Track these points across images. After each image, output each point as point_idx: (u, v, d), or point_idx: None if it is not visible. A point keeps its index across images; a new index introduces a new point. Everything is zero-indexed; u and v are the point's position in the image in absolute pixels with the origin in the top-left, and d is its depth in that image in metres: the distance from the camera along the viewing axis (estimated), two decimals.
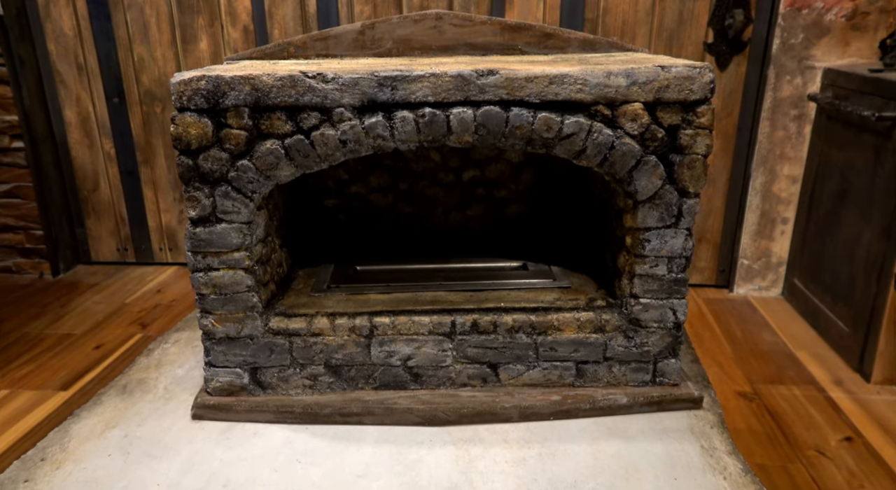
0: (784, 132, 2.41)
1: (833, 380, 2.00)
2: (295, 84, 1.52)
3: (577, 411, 1.76)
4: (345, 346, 1.74)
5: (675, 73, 1.55)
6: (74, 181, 2.85)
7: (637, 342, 1.77)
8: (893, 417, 1.82)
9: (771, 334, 2.29)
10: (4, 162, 2.72)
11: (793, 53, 2.33)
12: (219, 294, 1.69)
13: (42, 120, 2.73)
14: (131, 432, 1.74)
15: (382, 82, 1.52)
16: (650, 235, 1.67)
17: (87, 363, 2.13)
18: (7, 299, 2.62)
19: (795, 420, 1.81)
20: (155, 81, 2.68)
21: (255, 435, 1.72)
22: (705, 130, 1.59)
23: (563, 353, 1.78)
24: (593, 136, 1.57)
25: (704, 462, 1.60)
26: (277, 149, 1.57)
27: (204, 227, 1.63)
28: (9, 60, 2.59)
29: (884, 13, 2.25)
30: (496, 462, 1.61)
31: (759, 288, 2.61)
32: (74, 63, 2.68)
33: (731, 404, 1.88)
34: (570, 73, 1.53)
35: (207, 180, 1.60)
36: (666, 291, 1.72)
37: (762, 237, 2.54)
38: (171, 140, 1.59)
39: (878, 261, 1.96)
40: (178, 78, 1.54)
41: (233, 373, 1.77)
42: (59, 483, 1.56)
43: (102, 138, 2.77)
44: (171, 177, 2.81)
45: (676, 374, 1.80)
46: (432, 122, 1.55)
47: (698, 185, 1.62)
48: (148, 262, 2.95)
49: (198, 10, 2.57)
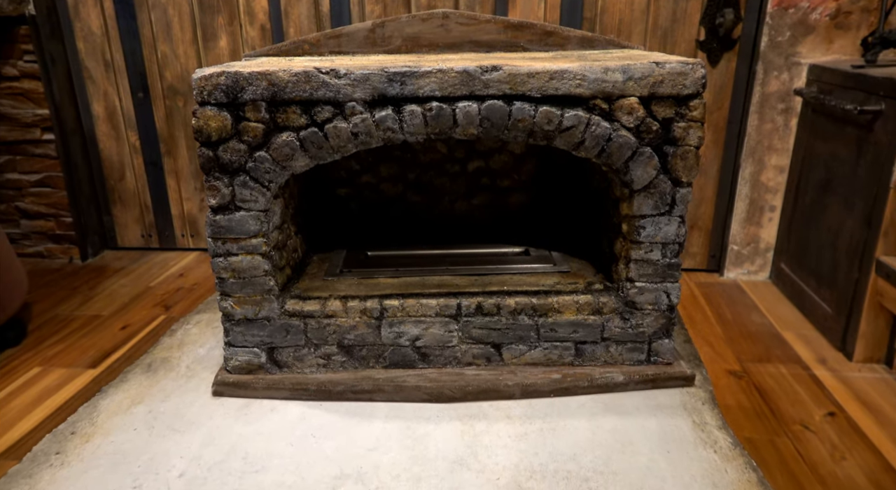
0: (772, 125, 2.40)
1: (817, 358, 2.00)
2: (309, 79, 1.52)
3: (576, 389, 1.76)
4: (356, 327, 1.74)
5: (669, 68, 1.54)
6: (102, 171, 2.85)
7: (633, 323, 1.76)
8: (874, 393, 1.81)
9: (759, 316, 2.28)
10: (36, 153, 2.72)
11: (780, 50, 2.32)
12: (238, 278, 1.69)
13: (71, 114, 2.73)
14: (155, 408, 1.74)
15: (392, 78, 1.51)
16: (645, 223, 1.67)
17: (114, 343, 2.13)
18: (39, 283, 2.62)
19: (782, 396, 1.81)
20: (177, 77, 2.67)
21: (271, 411, 1.73)
22: (697, 123, 1.58)
23: (562, 333, 1.78)
24: (591, 129, 1.56)
25: (696, 436, 1.60)
26: (293, 141, 1.57)
27: (223, 214, 1.63)
28: (40, 58, 2.59)
29: (865, 12, 2.24)
30: (500, 436, 1.61)
31: (747, 272, 2.61)
32: (102, 60, 2.67)
33: (722, 382, 1.87)
34: (569, 69, 1.52)
35: (227, 170, 1.60)
36: (660, 275, 1.72)
37: (751, 224, 2.54)
38: (193, 132, 1.58)
39: (859, 247, 1.96)
40: (200, 74, 1.54)
41: (251, 352, 1.77)
42: (89, 455, 1.56)
43: (128, 131, 2.77)
44: (192, 167, 2.80)
45: (670, 354, 1.80)
46: (439, 116, 1.54)
47: (691, 175, 1.62)
48: (171, 247, 2.95)
49: (218, 10, 2.56)
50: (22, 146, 2.72)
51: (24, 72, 2.62)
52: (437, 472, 1.49)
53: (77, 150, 2.78)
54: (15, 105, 2.66)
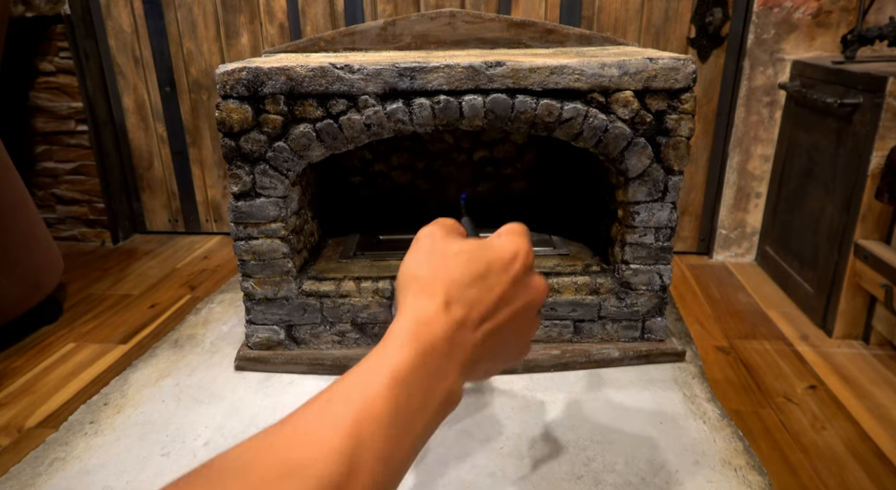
0: (758, 117, 2.38)
1: (800, 335, 1.99)
2: (325, 74, 1.50)
3: (575, 364, 1.76)
4: (369, 306, 1.74)
5: (662, 64, 1.52)
6: (132, 160, 2.84)
7: (628, 303, 1.75)
8: (852, 368, 1.81)
9: (745, 295, 2.27)
10: (71, 143, 2.71)
11: (765, 47, 2.30)
12: (258, 260, 1.68)
13: (103, 107, 2.72)
14: (182, 381, 1.74)
15: (402, 73, 1.50)
16: (639, 208, 1.65)
17: (143, 320, 2.13)
18: (74, 264, 2.62)
19: (766, 371, 1.80)
20: (202, 72, 2.66)
21: (290, 384, 1.72)
22: (688, 115, 1.56)
23: (562, 312, 1.77)
24: (589, 121, 1.54)
25: (686, 408, 1.59)
26: (309, 132, 1.56)
27: (245, 201, 1.62)
28: (75, 54, 2.58)
29: (845, 11, 2.23)
30: (503, 408, 1.60)
31: (735, 255, 2.59)
32: (132, 56, 2.66)
33: (710, 357, 1.86)
34: (568, 65, 1.50)
35: (248, 160, 1.59)
36: (653, 258, 1.71)
37: (738, 210, 2.52)
38: (216, 124, 1.57)
39: (839, 231, 1.95)
40: (223, 69, 1.53)
41: (270, 329, 1.77)
42: (121, 424, 1.56)
43: (156, 123, 2.76)
44: (215, 157, 2.79)
45: (662, 331, 1.79)
46: (447, 108, 1.53)
47: (682, 164, 1.60)
48: (196, 231, 2.95)
49: (239, 9, 2.54)
50: (58, 137, 2.71)
51: (60, 67, 2.61)
52: (444, 442, 1.49)
53: (109, 141, 2.77)
54: (51, 98, 2.66)
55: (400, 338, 0.55)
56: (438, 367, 0.55)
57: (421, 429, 0.52)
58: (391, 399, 0.49)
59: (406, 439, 0.50)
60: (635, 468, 1.42)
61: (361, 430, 0.46)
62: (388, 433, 0.48)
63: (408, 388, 0.51)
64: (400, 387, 0.50)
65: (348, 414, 0.47)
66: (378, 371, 0.51)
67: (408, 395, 0.51)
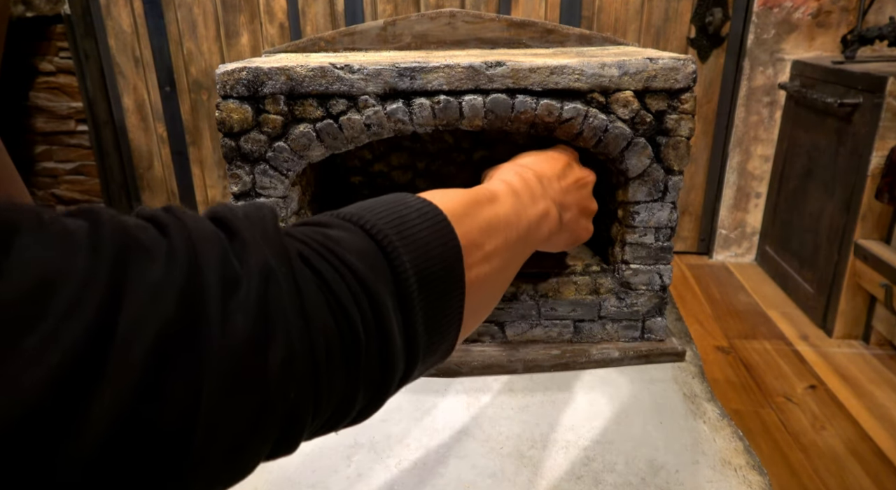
0: (758, 117, 2.38)
1: (800, 335, 1.99)
2: (325, 74, 1.50)
3: (575, 364, 1.76)
4: None
5: (662, 64, 1.52)
6: (132, 160, 2.84)
7: (628, 303, 1.75)
8: (852, 368, 1.81)
9: (745, 295, 2.27)
10: (71, 143, 2.71)
11: (765, 47, 2.30)
12: None
13: (103, 107, 2.72)
14: None
15: (402, 73, 1.50)
16: (639, 208, 1.65)
17: None
18: None
19: (766, 370, 1.80)
20: (202, 72, 2.66)
21: None
22: (688, 115, 1.56)
23: (562, 312, 1.76)
24: (589, 121, 1.54)
25: (686, 408, 1.59)
26: (310, 132, 1.55)
27: (245, 200, 1.62)
28: (75, 54, 2.58)
29: (845, 11, 2.23)
30: (503, 408, 1.60)
31: (735, 255, 2.59)
32: (132, 56, 2.66)
33: (710, 357, 1.86)
34: (568, 65, 1.50)
35: (248, 159, 1.59)
36: (653, 258, 1.71)
37: (738, 210, 2.52)
38: (216, 124, 1.57)
39: (839, 231, 1.94)
40: (223, 69, 1.53)
41: None
42: None
43: (156, 123, 2.76)
44: (215, 156, 2.79)
45: (662, 331, 1.79)
46: (447, 108, 1.53)
47: (682, 164, 1.60)
48: None
49: (240, 9, 2.54)
50: (58, 137, 2.71)
51: (60, 67, 2.61)
52: (445, 442, 1.49)
53: (109, 141, 2.77)
54: (51, 98, 2.66)
55: (506, 174, 0.79)
56: (534, 191, 0.75)
57: (526, 224, 0.69)
58: (509, 195, 0.69)
59: (519, 224, 0.67)
60: (635, 468, 1.42)
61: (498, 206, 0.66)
62: (509, 214, 0.65)
63: (518, 195, 0.70)
64: (513, 193, 0.70)
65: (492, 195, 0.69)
66: (496, 183, 0.74)
67: (517, 198, 0.70)
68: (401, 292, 0.46)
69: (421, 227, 0.50)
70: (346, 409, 0.46)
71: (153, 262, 0.31)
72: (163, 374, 0.30)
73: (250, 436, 0.35)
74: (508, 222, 0.65)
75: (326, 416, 0.43)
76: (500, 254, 0.61)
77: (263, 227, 0.40)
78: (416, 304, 0.47)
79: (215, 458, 0.33)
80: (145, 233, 0.34)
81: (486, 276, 0.58)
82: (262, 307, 0.35)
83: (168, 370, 0.30)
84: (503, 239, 0.62)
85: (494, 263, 0.59)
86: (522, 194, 0.73)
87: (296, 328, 0.37)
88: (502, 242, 0.61)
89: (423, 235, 0.49)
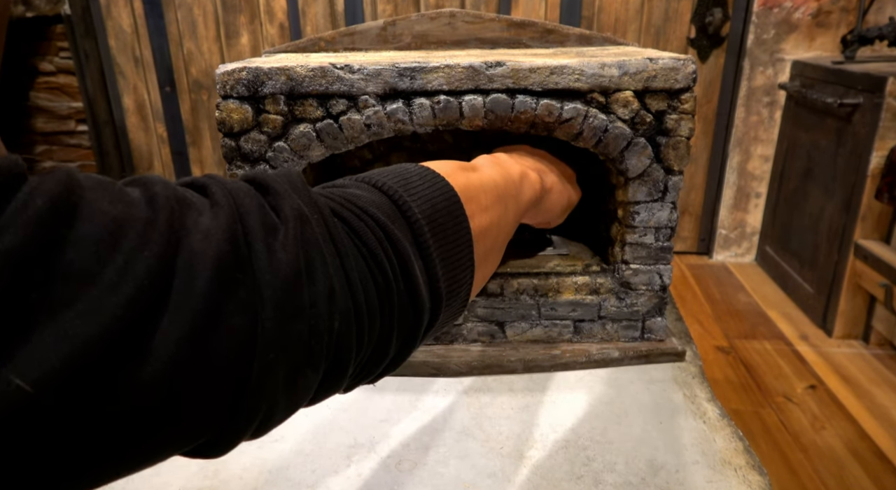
0: (757, 117, 2.38)
1: (799, 335, 1.99)
2: (325, 74, 1.50)
3: (575, 364, 1.75)
4: None
5: (662, 64, 1.52)
6: (132, 160, 2.84)
7: (628, 303, 1.75)
8: (852, 367, 1.81)
9: (745, 295, 2.28)
10: (71, 143, 2.72)
11: (765, 47, 2.30)
12: None
13: (104, 107, 2.72)
14: None
15: (402, 73, 1.50)
16: (639, 208, 1.65)
17: None
18: None
19: (766, 370, 1.80)
20: (202, 72, 2.66)
21: None
22: (688, 115, 1.56)
23: (562, 312, 1.76)
24: (589, 121, 1.54)
25: (686, 408, 1.59)
26: (310, 132, 1.55)
27: None
28: (75, 54, 2.58)
29: (844, 12, 2.24)
30: (503, 408, 1.60)
31: (735, 255, 2.60)
32: (132, 56, 2.66)
33: (710, 357, 1.87)
34: (568, 65, 1.50)
35: (248, 159, 1.59)
36: (653, 258, 1.71)
37: (738, 210, 2.52)
38: (216, 124, 1.57)
39: (838, 231, 1.95)
40: (223, 69, 1.52)
41: None
42: None
43: (156, 123, 2.76)
44: (216, 157, 2.80)
45: (662, 331, 1.79)
46: (447, 108, 1.53)
47: (682, 164, 1.60)
48: None
49: (240, 9, 2.54)
50: (58, 137, 2.72)
51: (60, 67, 2.61)
52: (445, 442, 1.49)
53: (109, 141, 2.77)
54: (51, 98, 2.66)
55: (478, 158, 0.82)
56: (508, 160, 0.83)
57: (511, 183, 0.76)
58: (487, 164, 0.75)
59: (507, 184, 0.74)
60: (635, 468, 1.42)
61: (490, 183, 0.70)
62: (493, 176, 0.70)
63: (495, 163, 0.76)
64: (490, 163, 0.76)
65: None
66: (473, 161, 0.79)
67: (495, 165, 0.76)
68: (417, 240, 0.51)
69: (423, 185, 0.55)
70: (383, 350, 0.49)
71: (201, 214, 0.35)
72: (222, 305, 0.33)
73: (303, 363, 0.39)
74: (495, 182, 0.71)
75: (367, 355, 0.46)
76: (494, 207, 0.67)
77: (292, 181, 0.44)
78: (432, 250, 0.51)
79: (272, 386, 0.36)
80: (191, 193, 0.38)
81: (488, 226, 0.64)
82: (301, 245, 0.39)
83: (226, 301, 0.33)
84: (494, 195, 0.68)
85: (492, 215, 0.66)
86: (499, 162, 0.81)
87: (333, 266, 0.41)
88: (494, 198, 0.68)
89: (427, 191, 0.55)
